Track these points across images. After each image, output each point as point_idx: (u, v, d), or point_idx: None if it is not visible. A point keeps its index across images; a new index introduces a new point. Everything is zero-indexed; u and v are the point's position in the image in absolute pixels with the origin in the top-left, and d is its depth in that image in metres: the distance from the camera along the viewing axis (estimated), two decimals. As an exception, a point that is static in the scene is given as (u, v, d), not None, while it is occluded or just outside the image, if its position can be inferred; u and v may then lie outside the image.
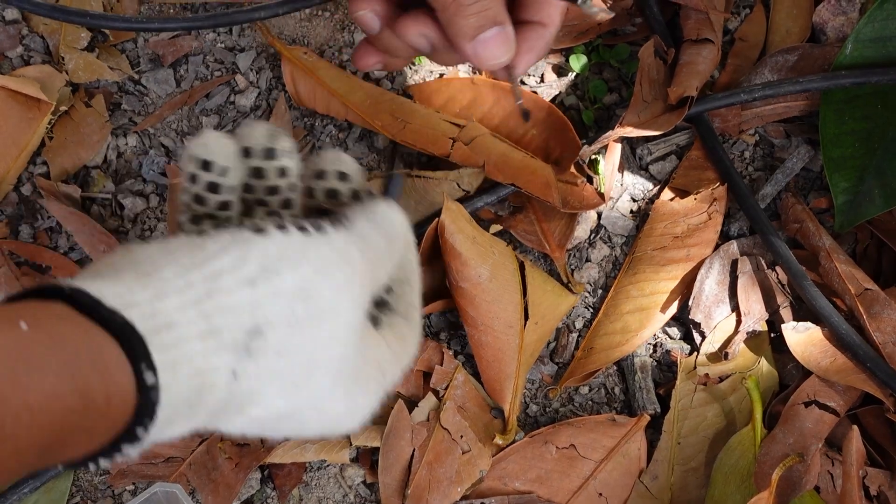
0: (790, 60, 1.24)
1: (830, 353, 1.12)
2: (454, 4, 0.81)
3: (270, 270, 0.67)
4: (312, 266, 0.69)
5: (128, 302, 0.61)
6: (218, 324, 0.64)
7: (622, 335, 1.16)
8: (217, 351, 0.64)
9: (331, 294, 0.69)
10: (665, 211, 1.20)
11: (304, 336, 0.68)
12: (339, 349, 0.70)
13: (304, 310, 0.68)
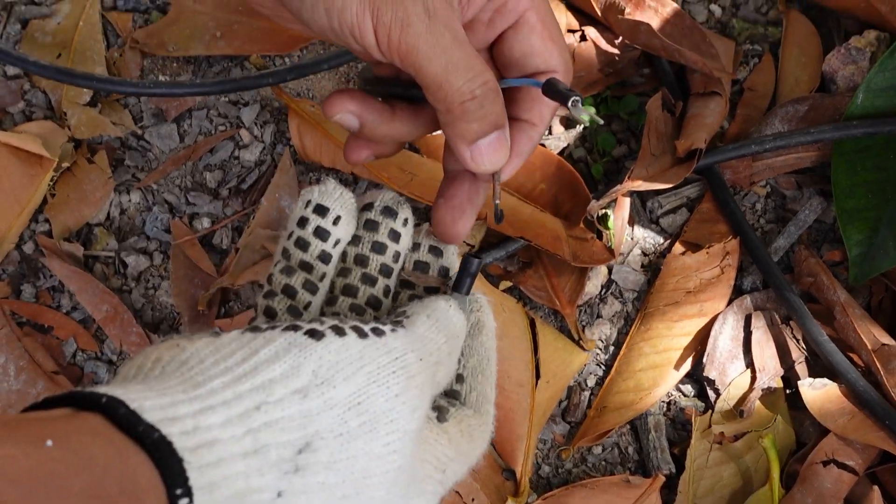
0: (800, 111, 1.23)
1: (848, 410, 1.11)
2: (459, 108, 0.78)
3: (324, 381, 0.65)
4: (367, 375, 0.67)
5: (170, 416, 0.59)
6: (265, 441, 0.61)
7: (635, 393, 1.15)
8: (261, 470, 0.61)
9: (385, 403, 0.67)
10: (677, 265, 1.19)
11: (356, 448, 0.65)
12: (395, 459, 0.68)
13: (358, 421, 0.65)
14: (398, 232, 0.81)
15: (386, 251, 0.80)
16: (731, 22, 1.31)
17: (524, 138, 0.84)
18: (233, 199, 1.23)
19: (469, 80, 0.78)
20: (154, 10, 1.31)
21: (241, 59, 1.28)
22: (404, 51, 0.76)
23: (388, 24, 0.75)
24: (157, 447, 0.57)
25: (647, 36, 1.20)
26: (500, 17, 0.83)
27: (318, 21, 0.76)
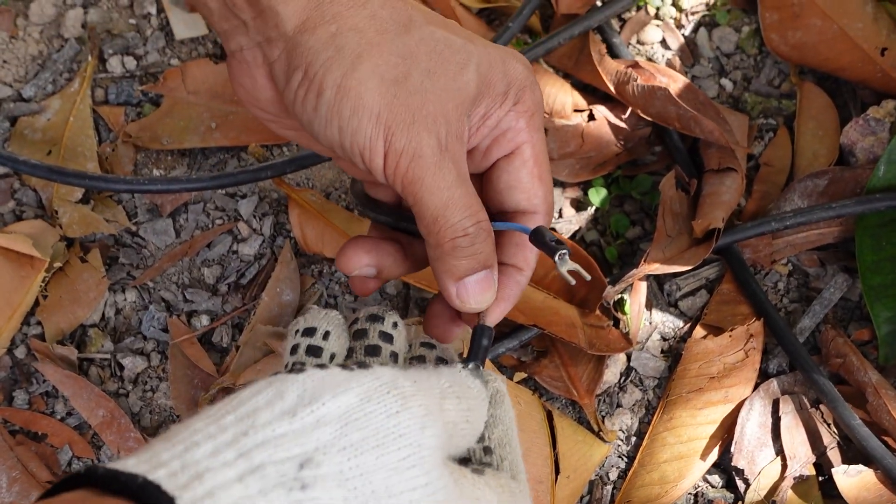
0: (820, 185, 1.19)
1: (886, 497, 1.06)
2: (450, 244, 0.80)
3: (312, 400, 0.63)
4: (358, 395, 0.64)
5: (153, 464, 0.57)
6: (260, 460, 0.59)
7: (661, 486, 1.09)
8: (264, 491, 0.58)
9: (387, 420, 0.64)
10: (699, 350, 1.14)
11: (367, 462, 0.62)
12: (417, 475, 0.64)
13: (359, 435, 0.62)
14: (389, 334, 0.80)
15: (381, 352, 0.79)
16: (743, 96, 1.28)
17: (511, 282, 0.85)
18: (232, 295, 1.19)
19: (464, 217, 0.80)
20: (146, 102, 1.28)
21: (238, 150, 1.25)
22: (409, 180, 0.78)
23: (400, 151, 0.77)
24: (144, 492, 0.55)
25: (663, 102, 1.17)
26: (497, 145, 0.85)
27: (329, 136, 0.78)
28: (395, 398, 0.65)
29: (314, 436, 0.61)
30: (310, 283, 1.19)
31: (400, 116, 0.78)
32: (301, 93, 0.78)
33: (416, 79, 0.79)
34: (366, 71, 0.77)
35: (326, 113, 0.77)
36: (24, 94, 1.28)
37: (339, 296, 1.19)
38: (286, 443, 0.60)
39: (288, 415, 0.62)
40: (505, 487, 0.73)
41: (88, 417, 1.14)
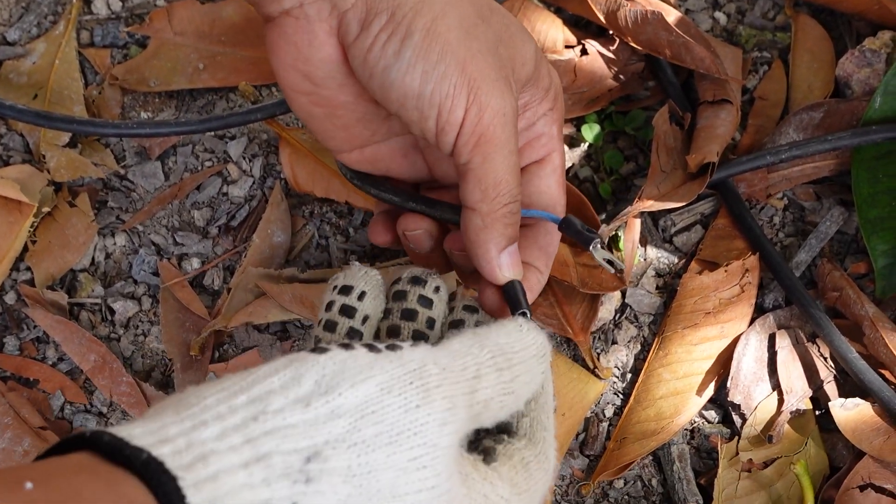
0: (816, 118, 1.18)
1: (883, 430, 1.05)
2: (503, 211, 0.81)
3: (328, 389, 0.62)
4: (378, 385, 0.63)
5: (160, 438, 0.56)
6: (267, 449, 0.58)
7: (657, 422, 1.09)
8: (267, 480, 0.57)
9: (405, 415, 0.63)
10: (694, 286, 1.13)
11: (376, 460, 0.61)
12: (426, 477, 0.63)
13: (373, 430, 0.61)
14: (429, 298, 0.80)
15: (417, 317, 0.78)
16: (737, 29, 1.26)
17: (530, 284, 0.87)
18: (223, 238, 1.18)
19: (515, 186, 0.81)
20: (133, 44, 1.26)
21: (227, 91, 1.23)
22: (486, 138, 0.78)
23: (485, 105, 0.77)
24: (148, 468, 0.54)
25: (654, 28, 1.15)
26: (530, 149, 0.87)
27: (408, 83, 0.77)
28: (417, 390, 0.64)
29: (326, 428, 0.60)
30: (301, 224, 1.18)
31: (484, 71, 0.78)
32: (383, 36, 0.76)
33: (492, 41, 0.80)
34: (453, 20, 0.77)
35: (411, 56, 0.76)
36: (9, 37, 1.26)
37: (330, 236, 1.17)
38: (296, 434, 0.59)
39: (302, 403, 0.61)
40: (519, 466, 0.72)
41: (80, 362, 1.13)
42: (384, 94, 0.78)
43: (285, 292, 1.11)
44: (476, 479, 0.68)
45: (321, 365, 0.62)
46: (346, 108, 0.84)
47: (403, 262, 1.14)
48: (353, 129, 0.87)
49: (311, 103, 0.84)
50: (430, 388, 0.64)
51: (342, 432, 0.60)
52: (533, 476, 0.72)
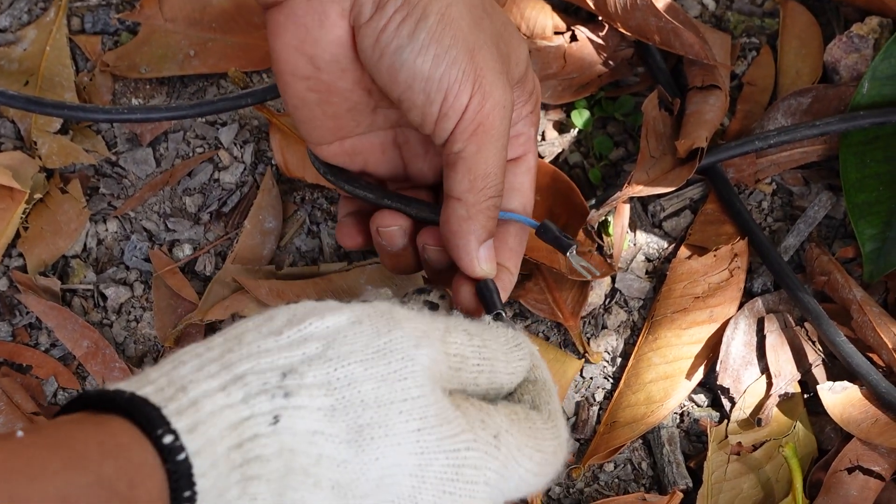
0: (804, 103, 1.18)
1: (871, 413, 1.06)
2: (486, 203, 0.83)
3: (299, 321, 0.65)
4: (347, 318, 0.66)
5: (142, 383, 0.59)
6: (242, 370, 0.60)
7: (646, 406, 1.10)
8: (246, 399, 0.60)
9: (377, 338, 0.65)
10: (683, 270, 1.14)
11: (354, 372, 0.63)
12: (409, 387, 0.64)
13: (346, 349, 0.64)
14: (434, 303, 0.83)
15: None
16: (725, 15, 1.27)
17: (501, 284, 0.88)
18: (214, 224, 1.18)
19: (501, 181, 0.83)
20: (124, 31, 1.26)
21: (217, 77, 1.24)
22: (485, 128, 0.80)
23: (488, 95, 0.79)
24: (132, 405, 0.57)
25: (644, 13, 1.15)
26: (509, 146, 0.87)
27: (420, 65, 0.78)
28: (387, 321, 0.66)
29: (300, 349, 0.62)
30: (292, 210, 1.19)
31: (489, 63, 0.80)
32: (398, 17, 0.78)
33: (494, 35, 0.82)
34: (464, 9, 0.79)
35: (425, 38, 0.77)
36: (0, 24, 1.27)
37: (321, 223, 1.18)
38: (270, 356, 0.61)
39: (274, 334, 0.63)
40: (520, 414, 0.72)
41: (73, 348, 1.13)
42: (391, 75, 0.79)
43: (262, 287, 1.11)
44: (469, 406, 0.68)
45: (291, 308, 0.66)
46: (342, 95, 0.85)
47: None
48: (342, 119, 0.88)
49: (307, 88, 0.84)
50: (399, 320, 0.67)
51: (316, 352, 0.63)
52: (539, 433, 0.73)
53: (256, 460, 0.59)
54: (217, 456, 0.58)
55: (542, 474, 0.73)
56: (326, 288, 1.12)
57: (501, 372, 0.74)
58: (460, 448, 0.66)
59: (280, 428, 0.60)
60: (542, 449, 0.73)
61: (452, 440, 0.66)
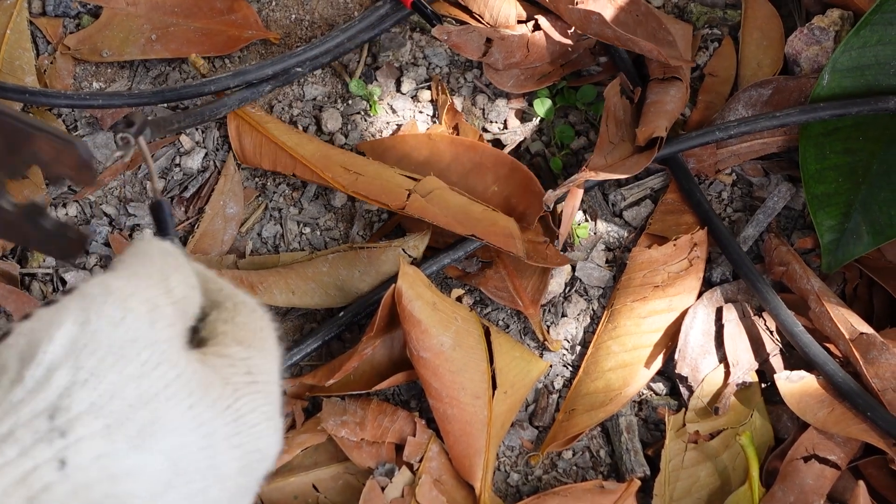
0: (764, 95, 1.19)
1: (827, 402, 1.07)
2: None
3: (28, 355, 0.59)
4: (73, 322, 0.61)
5: None
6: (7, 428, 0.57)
7: (605, 394, 1.10)
8: (24, 451, 0.56)
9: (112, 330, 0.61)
10: (643, 259, 1.14)
11: (111, 382, 0.60)
12: (165, 371, 0.62)
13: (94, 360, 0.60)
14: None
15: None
16: (688, 6, 1.27)
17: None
18: (175, 209, 1.18)
19: None
20: (85, 14, 1.25)
21: (179, 62, 1.23)
22: None
23: None
24: None
25: (598, 26, 1.16)
26: None
27: None
28: (114, 306, 0.63)
29: (52, 385, 0.59)
30: (253, 196, 1.18)
31: None
32: None
33: None
34: None
35: None
36: (-40, 6, 1.26)
37: (283, 208, 1.18)
38: (26, 405, 0.58)
39: (16, 382, 0.59)
40: (228, 325, 0.71)
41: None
42: None
43: (224, 274, 1.11)
44: (212, 358, 0.67)
45: (13, 345, 0.60)
46: None
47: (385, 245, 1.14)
48: None
49: None
50: (125, 299, 0.63)
51: (68, 379, 0.59)
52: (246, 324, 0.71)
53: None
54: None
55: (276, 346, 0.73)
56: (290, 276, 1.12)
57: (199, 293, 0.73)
58: (230, 403, 0.65)
59: (69, 470, 0.57)
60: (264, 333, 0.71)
61: (221, 400, 0.64)
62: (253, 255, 1.16)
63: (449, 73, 1.24)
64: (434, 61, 1.24)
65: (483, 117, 1.22)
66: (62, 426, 0.58)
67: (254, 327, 0.72)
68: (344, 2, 1.26)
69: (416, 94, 1.23)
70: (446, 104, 1.20)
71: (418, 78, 1.23)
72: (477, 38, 1.19)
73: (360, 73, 1.23)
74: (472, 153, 1.17)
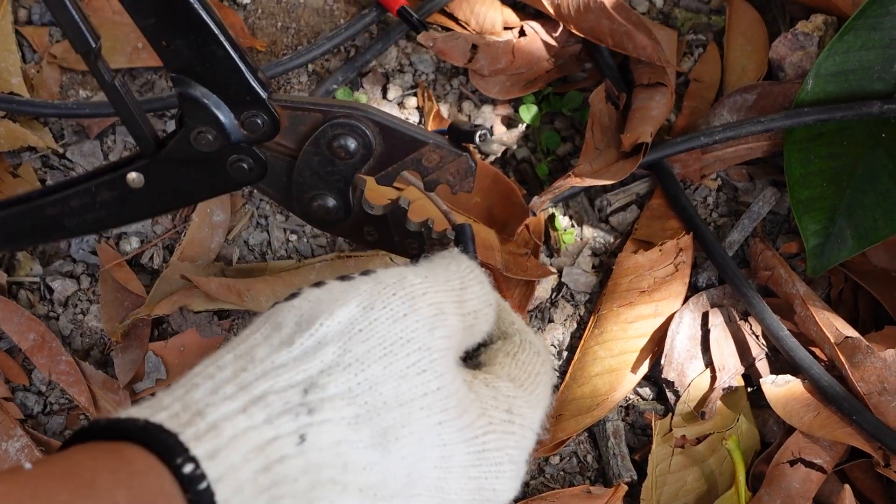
0: (749, 100, 1.19)
1: (813, 406, 1.07)
2: None
3: (308, 323, 0.62)
4: (358, 304, 0.63)
5: (155, 408, 0.57)
6: (261, 391, 0.59)
7: (592, 399, 1.10)
8: (270, 420, 0.58)
9: (393, 325, 0.63)
10: (629, 265, 1.14)
11: (374, 374, 0.61)
12: (429, 379, 0.63)
13: (364, 347, 0.62)
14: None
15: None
16: (673, 12, 1.28)
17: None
18: (162, 217, 1.18)
19: None
20: (72, 22, 1.25)
21: (166, 70, 1.23)
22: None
23: None
24: (147, 433, 0.55)
25: (597, 16, 1.16)
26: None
27: None
28: (402, 300, 0.64)
29: (317, 359, 0.61)
30: (240, 204, 1.18)
31: None
32: None
33: None
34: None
35: None
36: (-54, 15, 1.26)
37: (269, 216, 1.18)
38: (287, 371, 0.60)
39: (286, 344, 0.61)
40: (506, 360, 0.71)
41: (19, 341, 1.12)
42: None
43: (212, 282, 1.11)
44: (479, 385, 0.68)
45: (296, 308, 0.63)
46: None
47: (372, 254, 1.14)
48: None
49: None
50: (415, 297, 0.65)
51: (333, 358, 0.61)
52: (529, 365, 0.72)
53: (284, 481, 0.58)
54: (241, 481, 0.56)
55: (547, 401, 0.73)
56: (277, 284, 1.12)
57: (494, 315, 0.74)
58: (479, 434, 0.66)
59: (307, 446, 0.58)
60: (539, 381, 0.72)
61: (471, 428, 0.65)
62: (240, 262, 1.16)
63: (435, 79, 1.24)
64: (420, 68, 1.24)
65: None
66: (313, 403, 0.59)
67: (531, 370, 0.73)
68: (330, 9, 1.26)
69: (402, 101, 1.23)
70: (432, 111, 1.20)
71: (404, 85, 1.24)
72: (462, 45, 1.19)
73: (347, 81, 1.23)
74: (456, 163, 1.17)
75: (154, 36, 0.75)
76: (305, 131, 0.79)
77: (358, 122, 0.77)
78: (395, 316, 0.63)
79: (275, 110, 0.78)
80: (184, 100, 0.79)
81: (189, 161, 0.82)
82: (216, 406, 0.57)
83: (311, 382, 0.60)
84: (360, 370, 0.61)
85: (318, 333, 0.62)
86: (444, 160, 0.79)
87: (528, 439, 0.70)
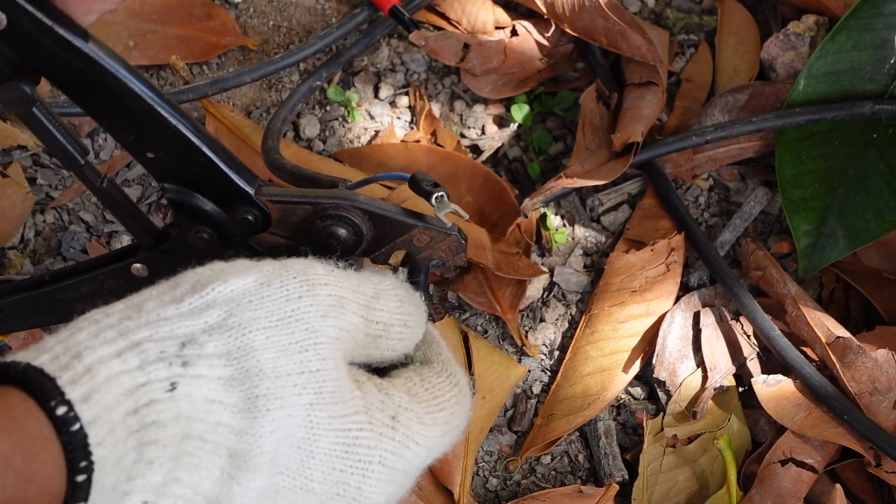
0: (741, 100, 1.19)
1: (804, 406, 1.07)
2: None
3: (201, 286, 0.63)
4: (255, 278, 0.64)
5: (39, 352, 0.57)
6: (139, 338, 0.59)
7: (583, 399, 1.10)
8: (143, 366, 0.58)
9: (286, 304, 0.64)
10: (620, 264, 1.14)
11: (255, 340, 0.62)
12: (310, 359, 0.63)
13: (249, 315, 0.62)
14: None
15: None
16: (664, 12, 1.28)
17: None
18: (153, 216, 1.18)
19: None
20: (63, 21, 1.25)
21: (158, 68, 1.23)
22: None
23: None
24: (27, 376, 0.55)
25: (591, 15, 1.16)
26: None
27: None
28: (300, 283, 0.65)
29: (201, 318, 0.61)
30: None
31: None
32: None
33: None
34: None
35: None
36: (-63, 13, 1.25)
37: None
38: (169, 324, 0.60)
39: (176, 301, 0.62)
40: (415, 378, 0.71)
41: (9, 339, 1.12)
42: None
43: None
44: (370, 386, 0.67)
45: (197, 273, 0.64)
46: None
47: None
48: None
49: None
50: (315, 284, 0.65)
51: (217, 320, 0.62)
52: (437, 389, 0.72)
53: (153, 426, 0.58)
54: (113, 423, 0.56)
55: (449, 431, 0.72)
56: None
57: (415, 339, 0.74)
58: (352, 428, 0.65)
59: (177, 395, 0.59)
60: (443, 406, 0.72)
61: (344, 419, 0.65)
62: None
63: (427, 79, 1.24)
64: (412, 67, 1.24)
65: (461, 123, 1.22)
66: (188, 357, 0.60)
67: (438, 394, 0.72)
68: (322, 8, 1.26)
69: (393, 100, 1.23)
70: (424, 110, 1.20)
71: (396, 84, 1.24)
72: (454, 44, 1.19)
73: (338, 80, 1.23)
74: (448, 163, 1.17)
75: (137, 152, 0.77)
76: (298, 222, 0.80)
77: (346, 212, 0.79)
78: (289, 296, 0.64)
79: (264, 205, 0.79)
80: (175, 205, 0.80)
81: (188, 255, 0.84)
82: (94, 349, 0.58)
83: (191, 338, 0.60)
84: (240, 335, 0.62)
85: (209, 297, 0.62)
86: (434, 240, 0.81)
87: (412, 451, 0.69)
